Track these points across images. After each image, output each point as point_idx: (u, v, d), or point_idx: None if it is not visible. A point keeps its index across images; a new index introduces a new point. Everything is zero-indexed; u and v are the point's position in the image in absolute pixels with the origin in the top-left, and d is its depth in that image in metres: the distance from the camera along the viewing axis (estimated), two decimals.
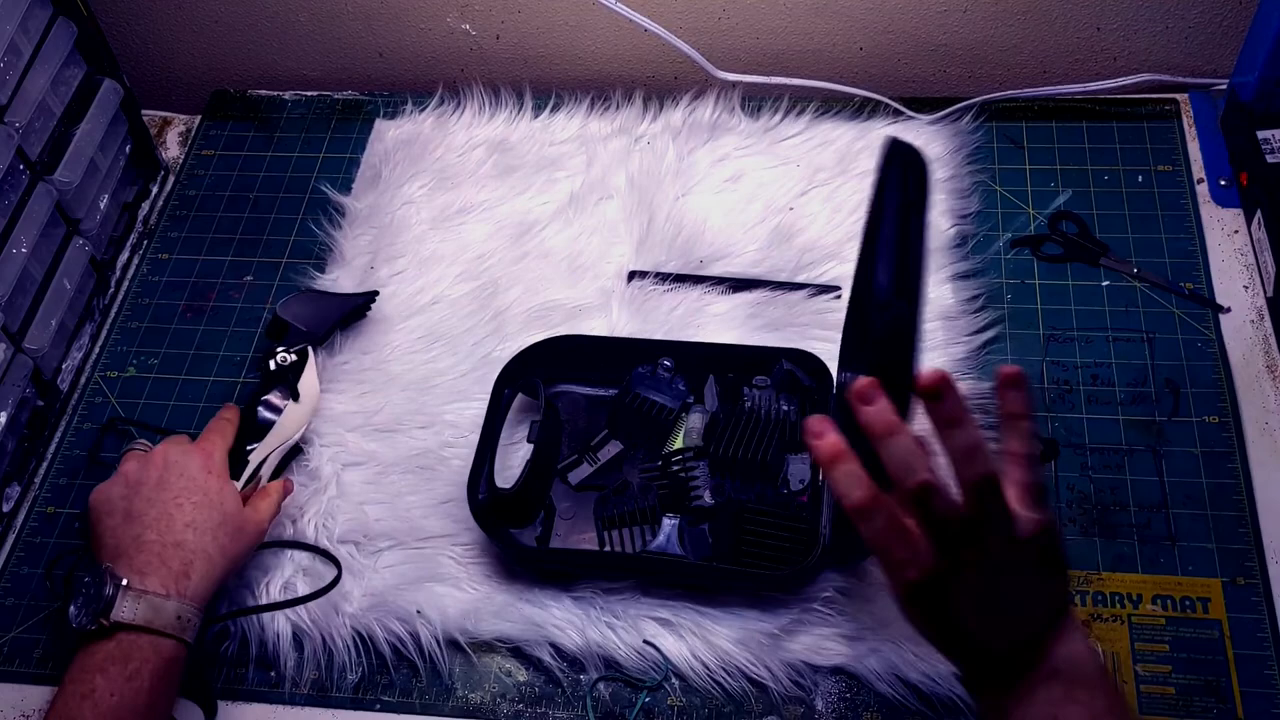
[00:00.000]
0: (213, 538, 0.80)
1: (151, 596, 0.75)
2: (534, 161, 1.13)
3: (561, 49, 1.22)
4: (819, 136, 1.11)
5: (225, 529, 0.81)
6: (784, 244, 1.03)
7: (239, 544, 0.82)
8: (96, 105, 1.06)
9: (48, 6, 1.00)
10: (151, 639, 0.75)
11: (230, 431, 0.89)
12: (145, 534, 0.79)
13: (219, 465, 0.85)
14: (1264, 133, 1.01)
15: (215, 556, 0.80)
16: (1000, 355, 0.96)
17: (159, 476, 0.82)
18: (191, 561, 0.78)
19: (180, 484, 0.82)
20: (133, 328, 1.08)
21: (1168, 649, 0.82)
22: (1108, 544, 0.87)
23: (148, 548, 0.78)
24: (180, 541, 0.79)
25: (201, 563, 0.79)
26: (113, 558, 0.78)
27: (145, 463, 0.84)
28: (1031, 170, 1.08)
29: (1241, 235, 1.02)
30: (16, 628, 0.91)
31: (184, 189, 1.18)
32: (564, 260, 1.05)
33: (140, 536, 0.78)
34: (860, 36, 1.17)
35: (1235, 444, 0.90)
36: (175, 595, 0.76)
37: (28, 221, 0.97)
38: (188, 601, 0.77)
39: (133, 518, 0.80)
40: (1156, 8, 1.11)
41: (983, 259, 1.02)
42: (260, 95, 1.25)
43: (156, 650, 0.75)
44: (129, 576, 0.76)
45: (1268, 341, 0.95)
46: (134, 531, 0.79)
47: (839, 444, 0.60)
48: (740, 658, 0.83)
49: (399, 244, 1.08)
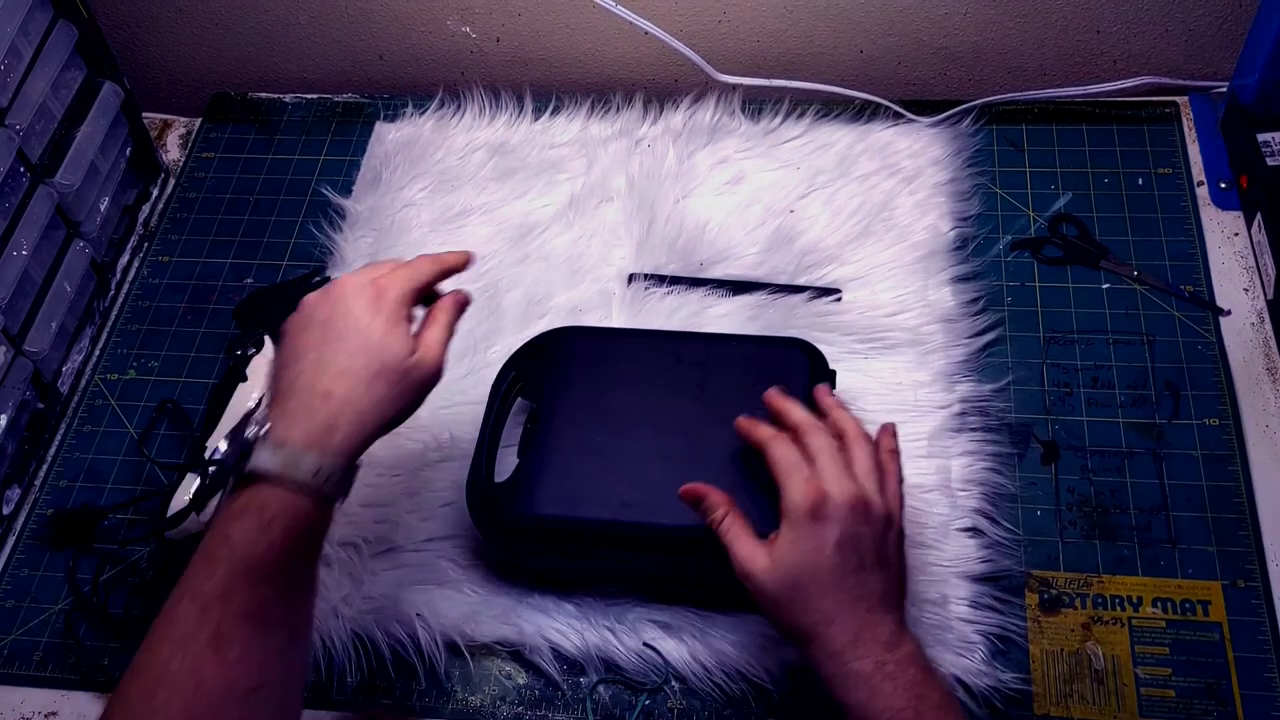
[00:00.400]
0: (366, 388, 0.72)
1: (290, 448, 0.69)
2: (534, 164, 1.13)
3: (561, 52, 1.22)
4: (819, 139, 1.11)
5: (383, 378, 0.72)
6: (784, 246, 1.03)
7: (398, 392, 0.73)
8: (97, 108, 1.06)
9: (48, 9, 1.00)
10: (285, 492, 0.68)
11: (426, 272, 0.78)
12: (299, 378, 0.72)
13: (390, 305, 0.75)
14: (1264, 135, 1.01)
15: (368, 409, 0.72)
16: (1001, 357, 0.96)
17: (327, 315, 0.74)
18: (340, 414, 0.71)
19: (343, 325, 0.73)
20: (133, 330, 1.08)
21: (1168, 652, 0.82)
22: (1108, 547, 0.87)
23: (299, 394, 0.71)
24: (328, 391, 0.71)
25: (350, 416, 0.71)
26: (272, 399, 0.73)
27: (323, 295, 0.75)
28: (1031, 173, 1.08)
29: (1242, 238, 1.02)
30: (17, 630, 0.91)
31: (184, 191, 1.18)
32: (564, 263, 1.05)
33: (295, 381, 0.72)
34: (860, 39, 1.17)
35: (1236, 447, 0.90)
36: (316, 448, 0.70)
37: (28, 224, 0.97)
38: (330, 456, 0.70)
39: (296, 357, 0.73)
40: (1156, 10, 1.11)
41: (983, 261, 1.02)
42: (260, 98, 1.25)
43: (290, 505, 0.68)
44: (278, 422, 0.70)
45: (1268, 344, 0.95)
46: (292, 373, 0.72)
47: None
48: (740, 660, 0.83)
49: (399, 246, 1.08)
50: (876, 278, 1.00)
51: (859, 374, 0.95)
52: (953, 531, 0.87)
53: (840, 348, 0.96)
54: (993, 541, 0.86)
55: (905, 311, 0.98)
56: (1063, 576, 0.86)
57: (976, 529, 0.87)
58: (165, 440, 1.00)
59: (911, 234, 1.03)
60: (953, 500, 0.88)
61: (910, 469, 0.89)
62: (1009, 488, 0.89)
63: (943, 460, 0.90)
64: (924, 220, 1.03)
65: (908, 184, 1.06)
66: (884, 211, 1.04)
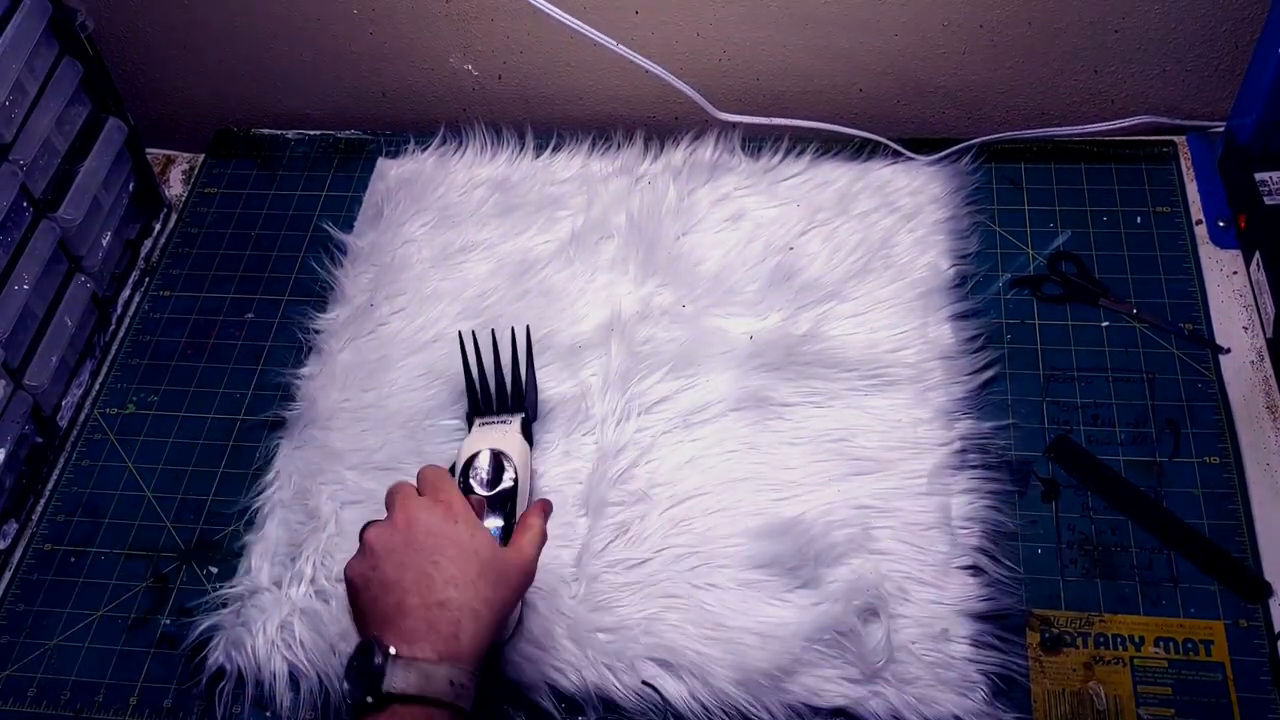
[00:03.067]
0: (475, 591, 0.73)
1: (422, 663, 0.69)
2: (535, 200, 1.13)
3: (563, 89, 1.23)
4: (819, 177, 1.12)
5: (486, 578, 0.74)
6: (784, 283, 1.03)
7: (504, 591, 0.75)
8: (101, 143, 1.06)
9: (54, 45, 1.01)
10: (425, 709, 0.69)
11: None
12: (406, 599, 0.72)
13: (462, 512, 0.77)
14: (1262, 174, 1.02)
15: (482, 610, 0.73)
16: (1000, 395, 0.96)
17: (405, 538, 0.75)
18: (459, 621, 0.71)
19: (430, 541, 0.75)
20: (133, 365, 1.08)
21: (1171, 692, 0.81)
22: (1109, 585, 0.86)
23: (412, 613, 0.71)
24: (443, 601, 0.72)
25: (469, 620, 0.72)
26: (379, 628, 0.72)
27: (389, 528, 0.76)
28: (1030, 211, 1.08)
29: (1240, 276, 1.02)
30: (11, 666, 0.91)
31: (186, 226, 1.18)
32: (564, 299, 1.05)
33: (401, 603, 0.72)
34: (859, 78, 1.18)
35: (1236, 485, 0.90)
36: (447, 660, 0.70)
37: (30, 258, 0.97)
38: (460, 665, 0.70)
39: (389, 586, 0.73)
40: (1153, 51, 1.12)
41: (982, 299, 1.02)
42: (264, 134, 1.26)
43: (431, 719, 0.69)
44: (397, 645, 0.70)
45: (1268, 383, 0.95)
46: (394, 599, 0.72)
47: None
48: (740, 699, 0.82)
49: (400, 282, 1.08)
50: (876, 315, 1.00)
51: (859, 411, 0.95)
52: (953, 569, 0.86)
53: (840, 384, 0.96)
54: (993, 580, 0.86)
55: (905, 348, 0.98)
56: (1064, 615, 0.85)
57: (977, 567, 0.87)
58: (163, 474, 1.00)
59: (911, 271, 1.03)
60: (953, 538, 0.88)
61: (910, 506, 0.89)
62: (1009, 525, 0.89)
63: (943, 498, 0.90)
64: (923, 258, 1.04)
65: (907, 221, 1.06)
66: (883, 249, 1.04)
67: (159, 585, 0.94)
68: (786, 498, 0.91)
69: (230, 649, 0.88)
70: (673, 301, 1.03)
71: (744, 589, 0.87)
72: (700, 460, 0.94)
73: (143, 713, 0.88)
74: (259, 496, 0.97)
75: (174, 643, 0.91)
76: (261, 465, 0.99)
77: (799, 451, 0.93)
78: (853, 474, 0.92)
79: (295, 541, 0.93)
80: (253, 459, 1.00)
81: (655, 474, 0.93)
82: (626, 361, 0.99)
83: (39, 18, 0.97)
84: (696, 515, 0.91)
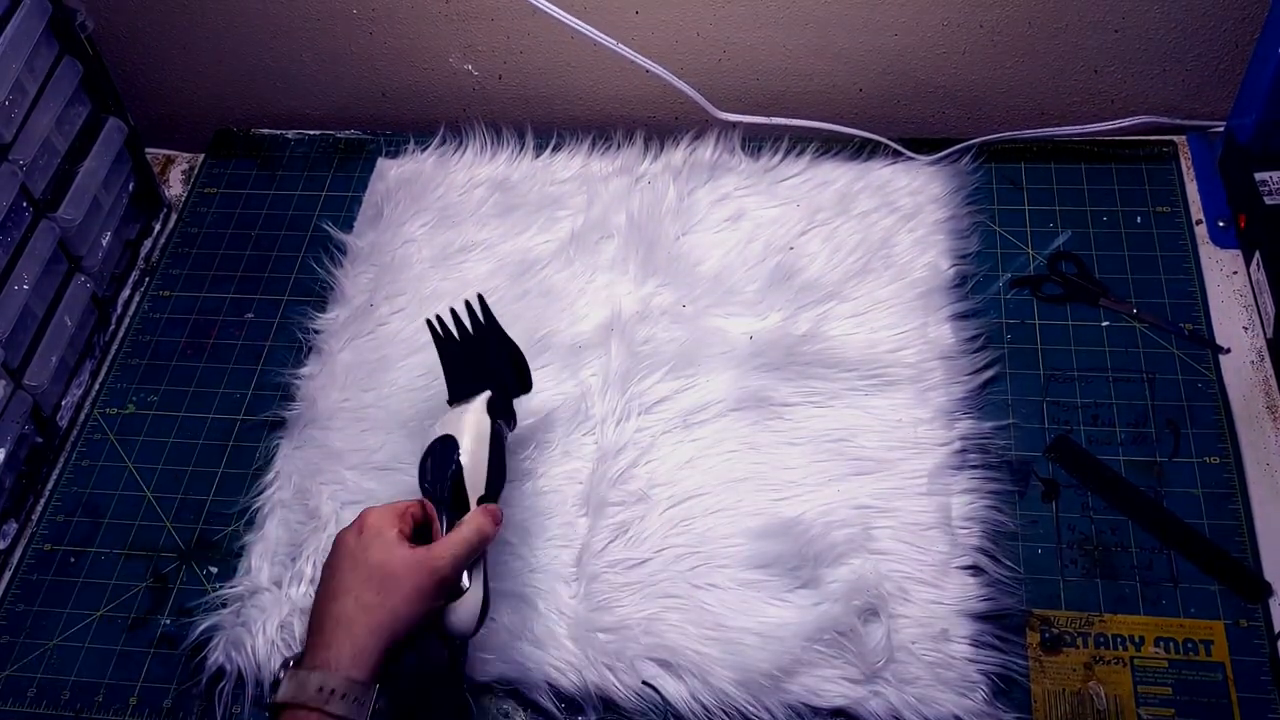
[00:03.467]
0: (353, 599, 0.76)
1: (301, 672, 0.73)
2: (535, 200, 1.13)
3: (563, 89, 1.23)
4: (819, 177, 1.12)
5: (369, 585, 0.76)
6: (784, 283, 1.03)
7: (393, 596, 0.76)
8: (100, 143, 1.06)
9: (54, 46, 1.01)
10: (294, 714, 0.72)
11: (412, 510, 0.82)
12: (311, 616, 0.78)
13: (371, 522, 0.79)
14: (1261, 174, 1.02)
15: (358, 617, 0.75)
16: (1000, 395, 0.96)
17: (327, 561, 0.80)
18: (335, 629, 0.75)
19: (333, 559, 0.79)
20: (133, 365, 1.08)
21: (1171, 692, 0.81)
22: (1109, 585, 0.86)
23: (310, 628, 0.77)
24: (325, 611, 0.76)
25: (342, 629, 0.75)
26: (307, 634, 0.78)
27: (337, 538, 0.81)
28: (1030, 211, 1.08)
29: (1240, 276, 1.02)
30: (11, 666, 0.91)
31: (186, 226, 1.18)
32: (564, 298, 1.05)
33: (310, 619, 0.78)
34: (859, 78, 1.18)
35: (1236, 485, 0.90)
36: (320, 667, 0.73)
37: (30, 258, 0.97)
38: (333, 671, 0.73)
39: (316, 595, 0.79)
40: (1154, 51, 1.12)
41: (982, 299, 1.02)
42: (263, 134, 1.26)
43: None
44: (295, 659, 0.76)
45: (1268, 382, 0.95)
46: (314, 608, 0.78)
47: None
48: (740, 699, 0.82)
49: (400, 282, 1.08)
50: (876, 315, 1.00)
51: (859, 411, 0.95)
52: (953, 569, 0.86)
53: (840, 384, 0.96)
54: (993, 580, 0.86)
55: (905, 348, 0.98)
56: (1064, 615, 0.85)
57: (977, 567, 0.87)
58: (163, 474, 1.00)
59: (911, 271, 1.03)
60: (953, 538, 0.88)
61: (910, 506, 0.89)
62: (1009, 525, 0.89)
63: (943, 498, 0.90)
64: (923, 258, 1.04)
65: (907, 221, 1.06)
66: (883, 249, 1.05)
67: (159, 585, 0.94)
68: (786, 498, 0.91)
69: (230, 649, 0.88)
70: (673, 301, 1.03)
71: (744, 589, 0.87)
72: (700, 460, 0.94)
73: (143, 713, 0.88)
74: (259, 496, 0.97)
75: (174, 643, 0.91)
76: (261, 465, 0.99)
77: (799, 451, 0.93)
78: (853, 474, 0.92)
79: (295, 541, 0.93)
80: (253, 459, 1.00)
81: (655, 474, 0.93)
82: (626, 361, 0.99)
83: (39, 18, 0.97)
84: (696, 515, 0.91)
